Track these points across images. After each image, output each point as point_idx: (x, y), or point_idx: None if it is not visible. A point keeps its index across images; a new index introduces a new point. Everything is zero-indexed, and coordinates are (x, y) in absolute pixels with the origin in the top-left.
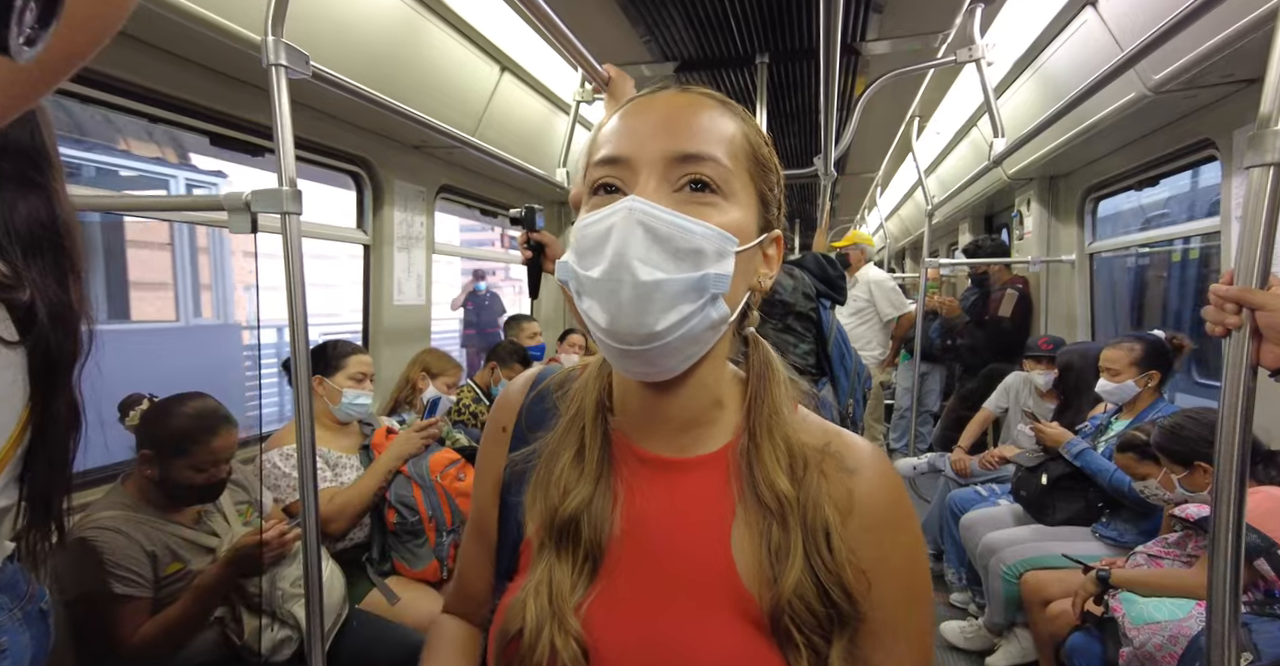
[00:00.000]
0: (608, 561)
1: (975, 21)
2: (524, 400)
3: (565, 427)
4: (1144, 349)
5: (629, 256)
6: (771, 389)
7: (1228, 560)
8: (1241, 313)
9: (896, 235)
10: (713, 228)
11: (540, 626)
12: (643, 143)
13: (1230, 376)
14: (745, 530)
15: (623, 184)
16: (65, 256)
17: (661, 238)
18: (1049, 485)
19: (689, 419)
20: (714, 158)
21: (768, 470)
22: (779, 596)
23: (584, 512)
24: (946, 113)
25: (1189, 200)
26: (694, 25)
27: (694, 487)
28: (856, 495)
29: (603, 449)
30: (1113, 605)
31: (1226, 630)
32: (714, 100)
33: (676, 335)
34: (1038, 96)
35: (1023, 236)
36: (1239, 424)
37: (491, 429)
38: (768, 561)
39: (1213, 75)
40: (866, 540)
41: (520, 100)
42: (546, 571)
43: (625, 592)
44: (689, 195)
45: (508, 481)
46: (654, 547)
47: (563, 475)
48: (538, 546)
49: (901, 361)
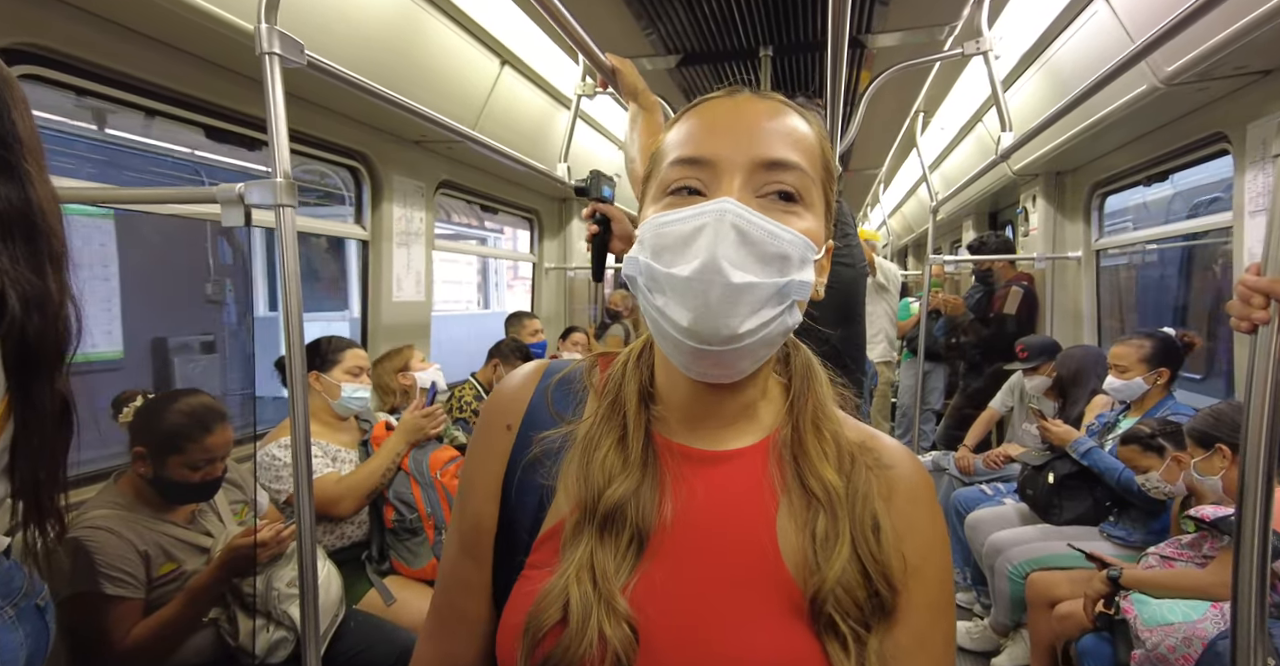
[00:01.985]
0: (651, 546)
1: (983, 13)
2: (530, 396)
3: (605, 416)
4: (1153, 346)
5: (720, 258)
6: (815, 388)
7: (1254, 562)
8: (1269, 306)
9: (900, 232)
10: (799, 235)
11: (587, 610)
12: (728, 146)
13: (1257, 373)
14: (789, 520)
15: (704, 187)
16: (42, 241)
17: (752, 241)
18: (1056, 484)
19: (736, 414)
20: (799, 166)
21: (814, 462)
22: (823, 583)
23: (630, 499)
24: (952, 107)
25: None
26: (697, 18)
27: (735, 478)
28: (895, 491)
29: (647, 439)
30: (1124, 606)
31: (1253, 634)
32: (792, 108)
33: (756, 338)
34: (1046, 90)
35: (1028, 233)
36: (1266, 420)
37: (490, 425)
38: (811, 550)
39: (1226, 67)
40: (907, 534)
41: (521, 94)
42: (588, 554)
43: (669, 578)
44: (772, 202)
45: (518, 478)
46: (697, 535)
47: (605, 462)
48: (572, 530)
49: (904, 359)
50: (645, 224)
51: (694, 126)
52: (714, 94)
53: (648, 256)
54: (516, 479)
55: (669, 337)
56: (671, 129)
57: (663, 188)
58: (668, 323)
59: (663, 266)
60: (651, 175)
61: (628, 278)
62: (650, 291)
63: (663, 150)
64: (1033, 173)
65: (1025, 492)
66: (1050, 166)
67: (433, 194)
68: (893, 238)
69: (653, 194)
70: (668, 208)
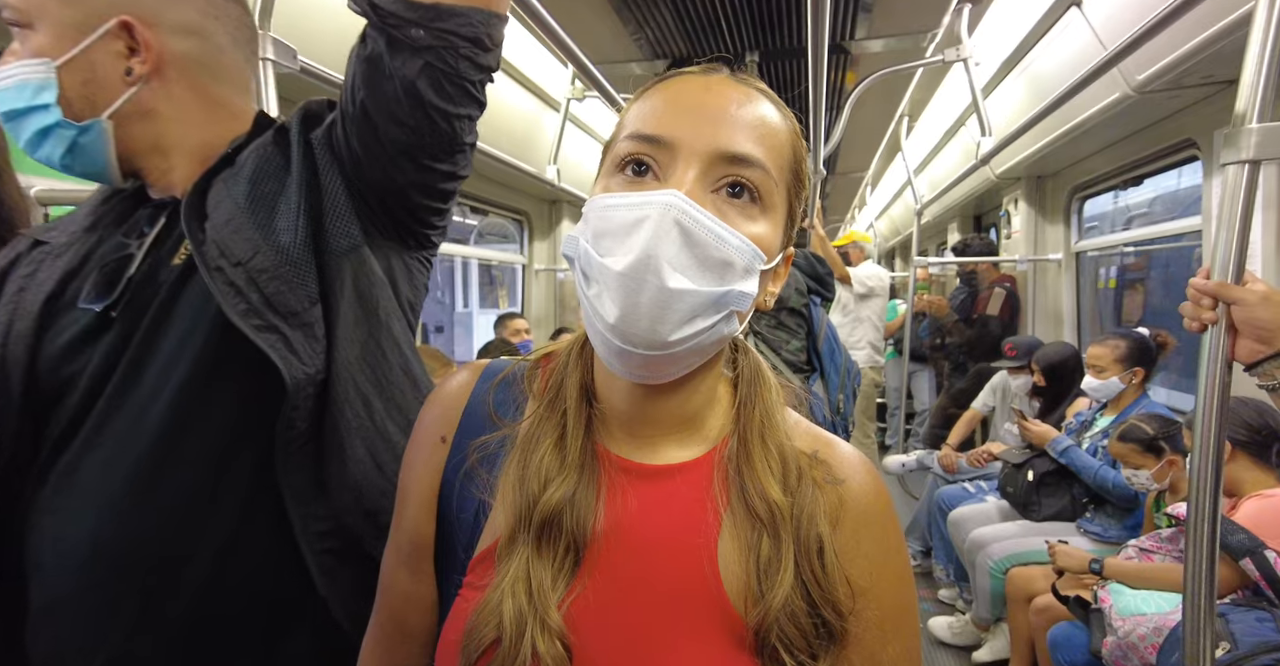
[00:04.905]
0: (588, 559)
1: (963, 21)
2: (465, 402)
3: (543, 413)
4: (1128, 346)
5: (658, 256)
6: (763, 393)
7: (1203, 550)
8: (1217, 307)
9: (886, 235)
10: (748, 242)
11: (521, 626)
12: (690, 128)
13: (1207, 371)
14: (732, 541)
15: (656, 166)
16: (8, 231)
17: (695, 242)
18: (1035, 482)
19: (676, 422)
20: (763, 165)
21: (759, 478)
22: (766, 613)
23: (567, 505)
24: (935, 112)
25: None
26: (684, 23)
27: (678, 492)
28: (845, 507)
29: (586, 437)
30: (1101, 596)
31: (1202, 619)
32: (770, 100)
33: (685, 347)
34: (1025, 96)
35: (1010, 235)
36: (1215, 417)
37: (424, 437)
38: (755, 576)
39: (1194, 76)
40: (856, 554)
41: (511, 97)
42: (524, 566)
43: (607, 595)
44: (727, 199)
45: (456, 492)
46: (637, 550)
47: (543, 463)
48: (507, 540)
49: (888, 359)
50: (591, 202)
51: (658, 102)
52: (689, 69)
53: (588, 240)
54: (455, 493)
55: (596, 332)
56: (638, 99)
57: (615, 161)
58: (596, 316)
59: (599, 254)
60: (609, 145)
61: (566, 257)
62: (585, 278)
63: (623, 121)
64: (1014, 176)
65: (1006, 490)
66: (1031, 170)
67: None
68: (879, 240)
69: (606, 166)
70: (619, 188)
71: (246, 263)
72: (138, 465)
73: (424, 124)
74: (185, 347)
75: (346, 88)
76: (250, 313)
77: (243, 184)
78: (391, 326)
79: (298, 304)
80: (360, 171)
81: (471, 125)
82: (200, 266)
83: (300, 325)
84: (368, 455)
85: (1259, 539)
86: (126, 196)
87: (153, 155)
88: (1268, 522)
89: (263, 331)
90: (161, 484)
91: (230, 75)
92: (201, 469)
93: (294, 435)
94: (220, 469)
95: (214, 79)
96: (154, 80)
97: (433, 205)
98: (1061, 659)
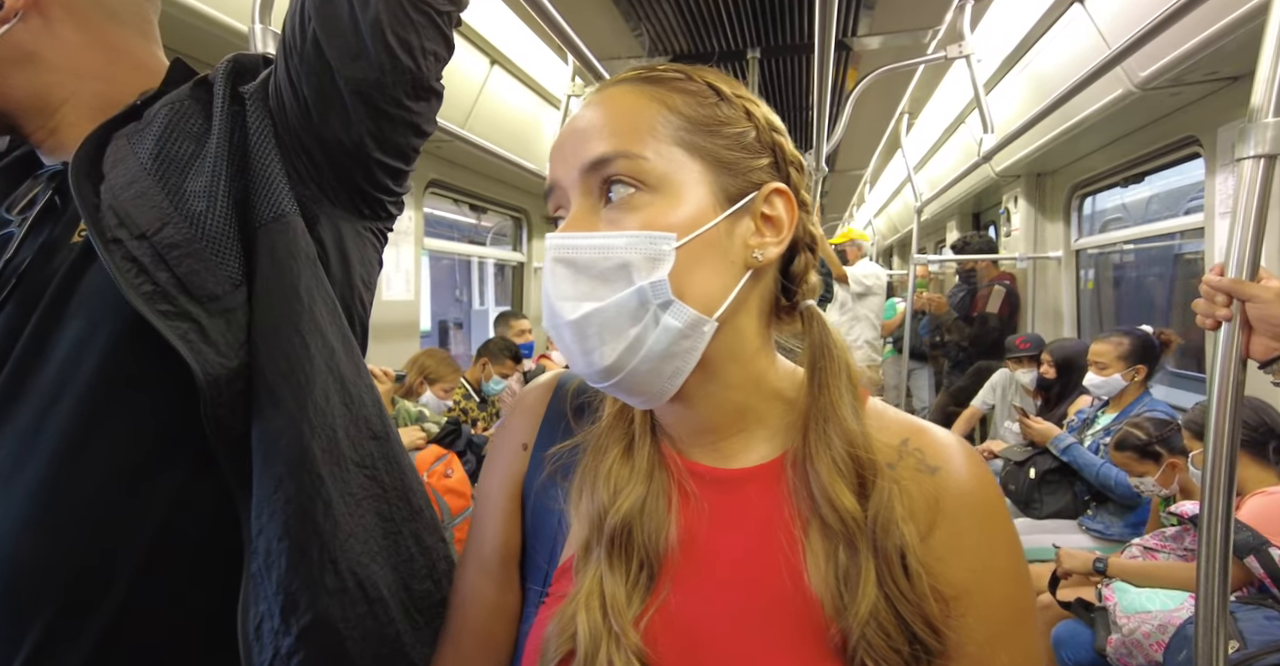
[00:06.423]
0: (664, 570)
1: (965, 18)
2: (545, 410)
3: (610, 422)
4: (1131, 343)
5: (554, 297)
6: (828, 382)
7: (1217, 548)
8: (1231, 305)
9: (885, 232)
10: (633, 232)
11: (596, 642)
12: (562, 163)
13: (1220, 369)
14: (811, 550)
15: (564, 210)
16: None
17: (582, 266)
18: (1036, 479)
19: (724, 427)
20: (623, 152)
21: (826, 484)
22: (851, 627)
23: (637, 515)
24: (935, 110)
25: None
26: (686, 19)
27: (752, 500)
28: (943, 500)
29: (653, 444)
30: (1105, 594)
31: (1215, 618)
32: (625, 84)
33: (636, 360)
34: (1026, 93)
35: (1010, 233)
36: (1229, 416)
37: (504, 443)
38: (838, 587)
39: (1197, 73)
40: (958, 552)
41: (510, 94)
42: (597, 581)
43: (685, 608)
44: (608, 206)
45: (534, 502)
46: (714, 561)
47: (612, 472)
48: (583, 551)
49: (887, 357)
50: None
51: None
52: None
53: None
54: (532, 503)
55: None
56: None
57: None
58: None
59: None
60: None
61: None
62: None
63: None
64: (1014, 174)
65: (1007, 488)
66: (1031, 168)
67: (422, 193)
68: (878, 238)
69: None
70: None
71: (152, 235)
72: (38, 485)
73: (383, 57)
74: (90, 341)
75: (293, 17)
76: (157, 295)
77: (149, 141)
78: (315, 310)
79: (217, 286)
80: (309, 123)
81: (438, 68)
82: (94, 237)
83: (221, 311)
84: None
85: (1263, 536)
86: (11, 163)
87: (36, 111)
88: (1271, 519)
89: (171, 318)
90: (62, 504)
91: (129, 16)
92: (115, 485)
93: (234, 438)
94: (139, 482)
95: (110, 18)
96: (32, 16)
97: (391, 164)
98: (1066, 656)
